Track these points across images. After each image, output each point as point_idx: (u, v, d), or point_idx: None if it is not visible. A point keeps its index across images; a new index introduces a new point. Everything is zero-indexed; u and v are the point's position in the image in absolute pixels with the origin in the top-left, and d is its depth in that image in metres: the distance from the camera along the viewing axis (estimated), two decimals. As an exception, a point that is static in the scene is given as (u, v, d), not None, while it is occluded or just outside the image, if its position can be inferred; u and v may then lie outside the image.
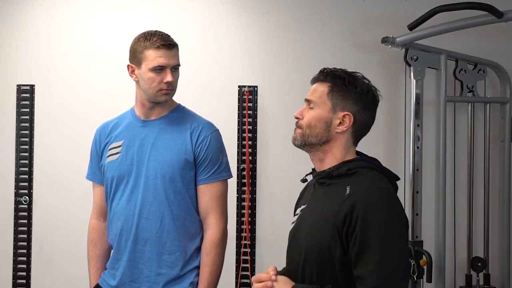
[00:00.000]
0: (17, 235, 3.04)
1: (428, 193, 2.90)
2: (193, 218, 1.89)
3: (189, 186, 1.88)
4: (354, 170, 1.44)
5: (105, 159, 1.94)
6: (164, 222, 1.84)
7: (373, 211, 1.34)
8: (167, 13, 3.06)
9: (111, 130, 1.96)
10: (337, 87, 1.47)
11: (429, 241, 2.84)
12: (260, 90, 3.03)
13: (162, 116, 1.91)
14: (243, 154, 3.02)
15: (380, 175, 1.46)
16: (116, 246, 1.90)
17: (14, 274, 3.04)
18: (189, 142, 1.87)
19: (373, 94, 1.51)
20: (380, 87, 2.89)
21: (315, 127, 1.47)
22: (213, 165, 1.89)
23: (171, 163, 1.84)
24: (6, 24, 3.08)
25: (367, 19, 3.03)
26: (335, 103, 1.47)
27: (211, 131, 1.93)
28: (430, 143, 2.90)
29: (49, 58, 3.06)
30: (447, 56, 2.82)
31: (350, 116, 1.47)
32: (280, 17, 3.06)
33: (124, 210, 1.87)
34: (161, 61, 1.81)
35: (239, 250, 3.01)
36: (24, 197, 3.04)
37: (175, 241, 1.85)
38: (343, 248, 1.37)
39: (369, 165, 1.47)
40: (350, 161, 1.48)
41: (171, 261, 1.85)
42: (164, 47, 1.82)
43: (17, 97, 3.04)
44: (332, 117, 1.47)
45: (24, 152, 3.04)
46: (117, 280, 1.88)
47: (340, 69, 1.52)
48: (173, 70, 1.86)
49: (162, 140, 1.87)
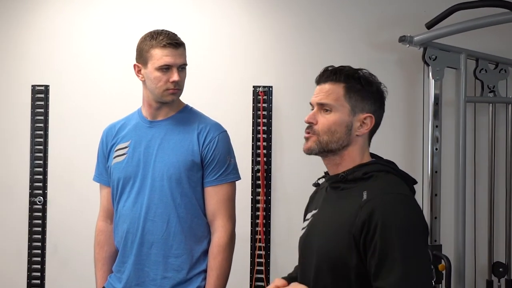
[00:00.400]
0: (31, 236, 3.05)
1: (447, 196, 2.82)
2: (200, 221, 1.85)
3: (196, 188, 1.84)
4: (370, 174, 1.37)
5: (111, 160, 1.91)
6: (170, 225, 1.81)
7: (393, 219, 1.27)
8: (182, 14, 3.05)
9: (118, 131, 1.94)
10: (353, 88, 1.40)
11: (448, 245, 2.77)
12: (275, 90, 2.99)
13: (169, 117, 1.88)
14: (257, 155, 2.98)
15: (397, 179, 1.39)
16: (122, 249, 1.88)
17: (29, 275, 3.05)
18: (196, 143, 1.83)
19: (383, 92, 1.46)
20: (398, 87, 2.93)
21: (336, 132, 1.39)
22: (220, 167, 1.86)
23: (178, 164, 1.81)
24: (20, 25, 3.09)
25: (384, 18, 2.98)
26: (354, 104, 1.40)
27: (219, 132, 1.89)
28: (449, 145, 2.83)
29: (63, 58, 3.06)
30: (467, 55, 2.75)
31: (372, 118, 1.41)
32: (295, 17, 3.02)
33: (130, 212, 1.84)
34: (167, 60, 1.79)
35: (253, 252, 2.98)
36: (38, 198, 3.04)
37: (181, 244, 1.82)
38: (360, 257, 1.29)
39: (385, 169, 1.40)
40: (366, 165, 1.41)
41: (177, 264, 1.82)
42: (171, 46, 1.79)
43: (32, 97, 3.05)
44: (352, 120, 1.40)
45: (39, 153, 3.05)
46: (123, 283, 1.85)
47: (347, 67, 1.45)
48: (180, 70, 1.83)
49: (169, 141, 1.84)
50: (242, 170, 3.00)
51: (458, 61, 2.74)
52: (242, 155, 2.98)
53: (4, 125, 3.09)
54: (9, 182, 3.08)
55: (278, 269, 2.94)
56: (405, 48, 2.75)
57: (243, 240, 2.98)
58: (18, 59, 3.09)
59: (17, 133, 3.07)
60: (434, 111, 2.72)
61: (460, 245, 2.75)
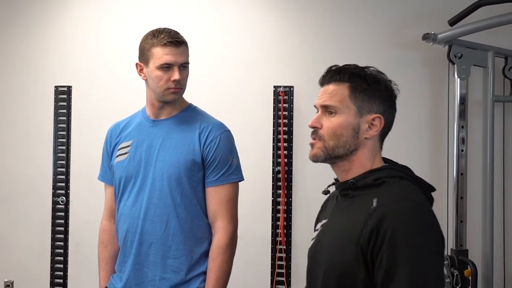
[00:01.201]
0: (54, 235, 3.09)
1: (474, 199, 2.73)
2: (200, 222, 1.82)
3: (196, 188, 1.81)
4: (382, 180, 1.27)
5: (114, 159, 1.91)
6: (169, 225, 1.78)
7: (404, 229, 1.16)
8: (202, 14, 3.05)
9: (122, 129, 1.93)
10: (359, 87, 1.30)
11: (476, 250, 2.68)
12: (296, 90, 2.94)
13: (172, 116, 1.86)
14: (278, 156, 2.94)
15: (412, 186, 1.28)
16: (122, 248, 1.87)
17: (52, 274, 3.09)
18: (197, 142, 1.80)
19: (393, 90, 1.35)
20: (422, 87, 2.85)
21: (342, 135, 1.30)
22: (222, 167, 1.81)
23: (178, 164, 1.79)
24: (43, 27, 3.15)
25: (409, 15, 2.90)
26: (361, 105, 1.30)
27: (221, 132, 1.84)
28: (476, 146, 2.74)
29: (85, 60, 3.10)
30: (495, 53, 2.65)
31: (381, 118, 1.31)
32: (317, 15, 2.97)
33: (130, 211, 1.83)
34: (168, 58, 1.76)
35: (274, 255, 2.94)
36: (61, 198, 3.08)
37: (180, 245, 1.79)
38: (368, 270, 1.20)
39: (399, 174, 1.29)
40: (377, 170, 1.31)
41: (176, 265, 1.79)
42: (172, 45, 1.76)
43: (55, 98, 3.10)
44: (359, 122, 1.30)
45: (62, 153, 3.09)
46: (123, 282, 1.84)
47: (352, 65, 1.35)
48: (182, 68, 1.80)
49: (171, 140, 1.82)
50: (263, 171, 3.02)
51: (486, 59, 2.65)
52: (262, 156, 2.98)
53: (28, 126, 3.15)
54: (33, 182, 3.13)
55: (299, 271, 2.89)
56: (430, 47, 2.67)
57: (264, 243, 2.95)
58: (42, 60, 3.14)
59: (41, 134, 3.13)
60: (460, 111, 2.64)
61: (488, 250, 2.65)
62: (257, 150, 2.97)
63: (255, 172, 2.96)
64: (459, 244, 2.61)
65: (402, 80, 2.80)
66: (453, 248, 2.60)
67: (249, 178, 2.95)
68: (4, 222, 3.16)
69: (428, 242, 1.18)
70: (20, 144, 3.15)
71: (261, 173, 2.96)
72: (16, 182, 3.15)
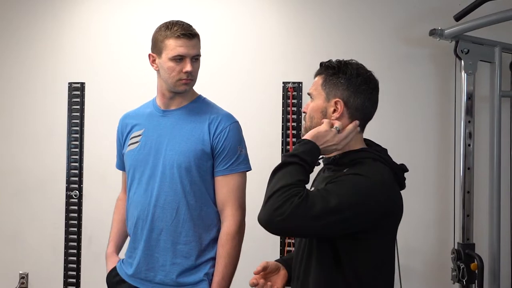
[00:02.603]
0: (68, 228, 3.15)
1: (481, 193, 2.75)
2: (209, 209, 1.87)
3: (205, 177, 1.85)
4: (357, 161, 1.45)
5: (126, 148, 1.96)
6: (179, 212, 1.83)
7: (350, 181, 1.37)
8: (212, 10, 3.09)
9: (133, 119, 1.98)
10: (329, 77, 1.50)
11: (483, 244, 2.70)
12: (304, 86, 2.97)
13: (182, 107, 1.90)
14: (287, 151, 2.98)
15: (381, 166, 1.44)
16: (133, 235, 1.92)
17: (65, 266, 3.16)
18: (206, 132, 1.84)
19: (364, 77, 1.50)
20: (429, 82, 2.87)
21: (313, 117, 1.50)
22: (231, 157, 1.85)
23: (188, 153, 1.83)
24: (58, 24, 3.21)
25: (417, 11, 2.92)
26: (328, 91, 1.49)
27: (230, 122, 1.88)
28: (483, 141, 2.76)
29: (98, 56, 3.16)
30: (502, 48, 2.67)
31: (341, 102, 1.47)
32: (325, 12, 3.00)
33: (141, 199, 1.88)
34: (181, 50, 1.80)
35: (283, 248, 2.98)
36: (74, 192, 3.14)
37: (190, 231, 1.84)
38: None
39: (372, 156, 1.47)
40: (355, 151, 1.49)
41: (186, 251, 1.84)
42: (185, 37, 1.80)
43: (69, 94, 3.16)
44: (327, 106, 1.48)
45: (75, 148, 3.15)
46: (134, 268, 1.89)
47: (337, 60, 1.54)
48: (194, 61, 1.84)
49: (180, 130, 1.86)
50: (272, 166, 3.02)
51: (492, 54, 2.66)
52: (271, 151, 3.01)
53: (42, 122, 3.21)
54: (47, 176, 3.20)
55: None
56: (438, 42, 2.69)
57: (273, 235, 2.97)
58: (56, 57, 3.20)
59: (55, 129, 3.19)
60: (466, 106, 2.65)
61: (494, 244, 2.67)
62: (266, 145, 3.00)
63: (264, 167, 2.99)
64: (466, 238, 2.63)
65: (409, 76, 2.89)
66: (460, 242, 2.62)
67: (259, 172, 2.99)
68: (19, 216, 3.23)
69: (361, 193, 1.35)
70: (35, 139, 3.22)
71: (270, 168, 2.95)
72: (30, 177, 3.22)
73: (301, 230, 1.32)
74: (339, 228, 1.34)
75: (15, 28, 3.25)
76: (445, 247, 2.80)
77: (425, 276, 2.90)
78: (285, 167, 1.39)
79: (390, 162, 1.49)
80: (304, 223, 1.29)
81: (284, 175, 1.36)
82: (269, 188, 1.36)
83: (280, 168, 1.39)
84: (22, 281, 3.19)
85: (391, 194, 1.42)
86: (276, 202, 1.29)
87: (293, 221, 1.28)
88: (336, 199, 1.30)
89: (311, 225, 1.29)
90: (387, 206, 1.39)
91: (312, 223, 1.29)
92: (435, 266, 2.86)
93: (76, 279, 3.15)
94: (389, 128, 2.86)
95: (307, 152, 1.40)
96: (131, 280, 1.90)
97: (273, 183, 1.35)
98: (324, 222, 1.30)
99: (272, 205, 1.29)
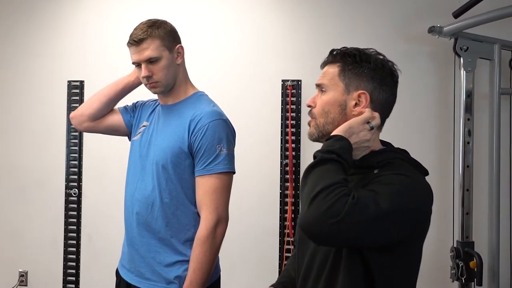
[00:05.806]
0: (67, 226, 3.16)
1: (480, 191, 2.74)
2: (186, 209, 1.80)
3: (182, 176, 1.79)
4: (384, 163, 1.28)
5: (134, 135, 1.97)
6: (154, 208, 1.80)
7: (396, 182, 1.19)
8: (211, 9, 3.09)
9: (149, 108, 1.99)
10: (348, 66, 1.31)
11: (482, 242, 2.69)
12: (303, 84, 2.97)
13: (176, 103, 1.88)
14: (286, 149, 2.98)
15: (411, 168, 1.29)
16: (124, 224, 1.93)
17: (65, 264, 3.16)
18: (186, 130, 1.79)
19: (390, 68, 1.34)
20: (429, 80, 2.87)
21: (329, 112, 1.31)
22: (208, 157, 1.75)
23: (166, 150, 1.80)
24: (57, 22, 3.22)
25: (416, 9, 2.91)
26: (348, 83, 1.31)
27: (210, 120, 1.76)
28: (483, 139, 2.75)
29: (97, 55, 3.17)
30: (502, 45, 2.65)
31: (366, 95, 1.30)
32: (324, 10, 2.99)
33: (129, 193, 1.89)
34: (133, 58, 1.79)
35: (282, 246, 2.98)
36: (73, 190, 3.15)
37: (162, 229, 1.80)
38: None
39: (399, 157, 1.31)
40: (380, 152, 1.32)
41: (157, 250, 1.81)
42: (133, 44, 1.77)
43: (68, 92, 3.17)
44: (346, 99, 1.31)
45: (74, 146, 3.16)
46: (125, 259, 1.92)
47: (351, 47, 1.36)
48: (152, 63, 1.78)
49: (168, 126, 1.85)
50: (271, 164, 3.05)
51: (492, 51, 2.65)
52: (270, 149, 3.01)
53: (42, 120, 3.22)
54: (46, 174, 3.21)
55: (306, 263, 2.92)
56: (437, 40, 2.68)
57: (272, 234, 2.99)
58: (55, 56, 3.21)
59: (54, 127, 3.20)
60: (466, 103, 2.64)
61: (494, 242, 2.66)
62: (265, 143, 3.00)
63: (263, 165, 3.01)
64: (465, 236, 2.62)
65: (409, 74, 2.88)
66: (459, 240, 2.61)
67: (257, 171, 3.01)
68: (19, 214, 3.24)
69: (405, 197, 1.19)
70: (34, 137, 3.23)
71: (269, 166, 3.00)
72: (29, 175, 3.23)
73: (356, 234, 1.12)
74: (395, 231, 1.17)
75: (14, 27, 3.25)
76: (444, 245, 2.79)
77: (424, 274, 2.86)
78: (322, 165, 1.19)
79: (416, 163, 1.35)
80: (361, 227, 1.11)
81: (324, 173, 1.17)
82: (309, 187, 1.16)
83: (316, 166, 1.20)
84: (21, 279, 3.19)
85: (432, 195, 1.27)
86: (324, 202, 1.10)
87: (348, 223, 1.09)
88: (387, 201, 1.14)
89: (368, 229, 1.12)
90: (430, 207, 1.26)
91: (368, 227, 1.12)
92: (434, 264, 2.85)
93: (75, 277, 3.15)
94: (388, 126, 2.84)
95: (344, 148, 1.22)
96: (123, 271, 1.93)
97: (313, 182, 1.16)
98: (381, 226, 1.14)
99: (320, 206, 1.10)
